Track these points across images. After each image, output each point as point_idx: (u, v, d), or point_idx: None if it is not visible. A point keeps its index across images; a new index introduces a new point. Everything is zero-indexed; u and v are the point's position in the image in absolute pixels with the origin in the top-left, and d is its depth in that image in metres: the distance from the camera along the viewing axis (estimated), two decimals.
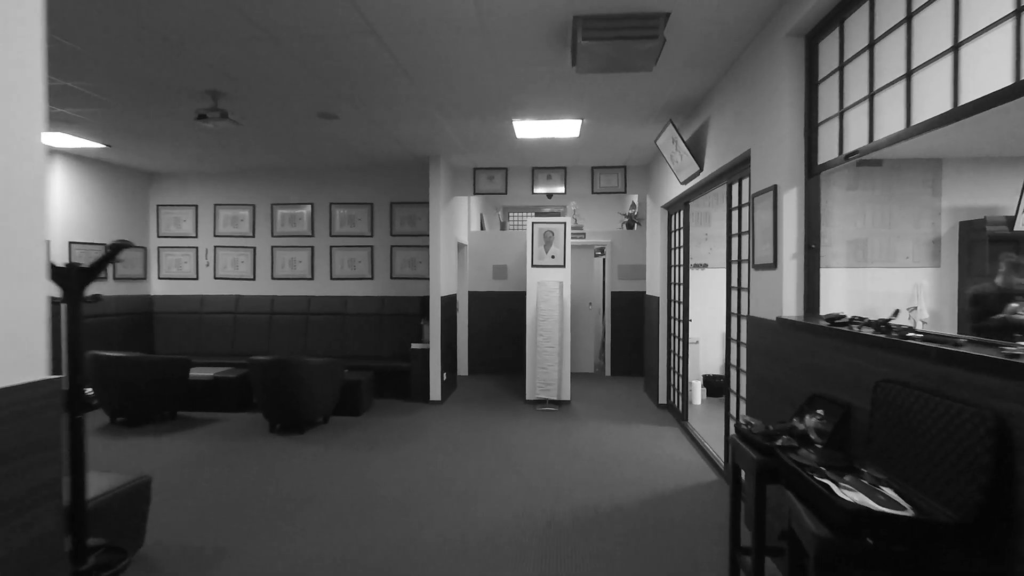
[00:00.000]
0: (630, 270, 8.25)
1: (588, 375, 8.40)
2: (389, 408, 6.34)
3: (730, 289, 4.10)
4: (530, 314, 6.52)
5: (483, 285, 8.40)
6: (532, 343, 6.51)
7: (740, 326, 3.89)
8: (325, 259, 7.49)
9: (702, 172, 4.49)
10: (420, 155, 6.55)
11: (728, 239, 4.10)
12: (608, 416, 6.00)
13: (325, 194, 7.49)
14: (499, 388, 7.40)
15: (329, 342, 7.27)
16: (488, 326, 8.38)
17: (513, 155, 6.52)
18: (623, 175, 7.06)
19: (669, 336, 6.25)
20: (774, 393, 2.96)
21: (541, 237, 6.51)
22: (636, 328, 8.24)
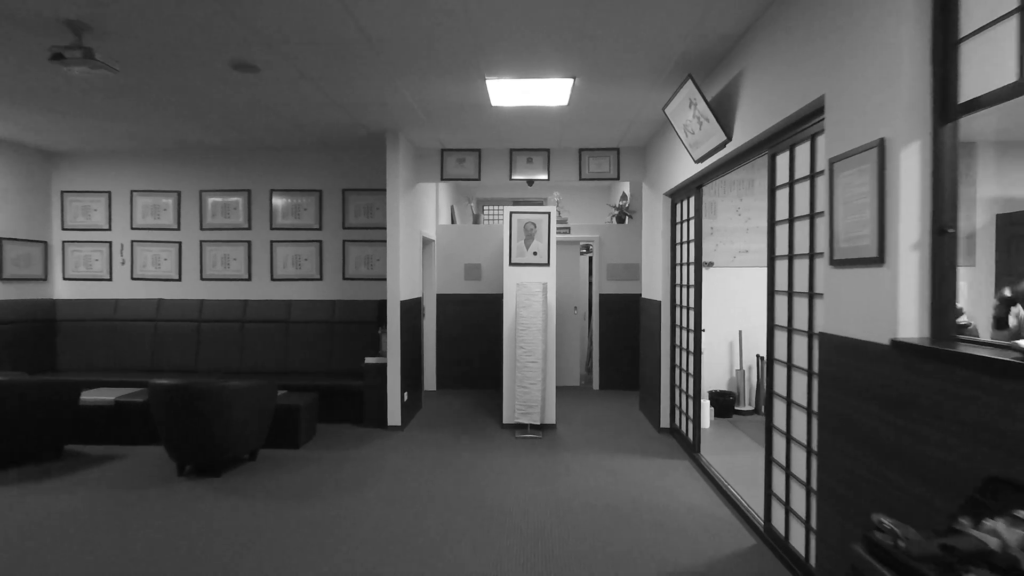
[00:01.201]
0: (621, 269, 7.26)
1: (573, 389, 7.38)
2: (337, 437, 5.22)
3: (773, 294, 3.10)
4: (507, 322, 5.47)
5: (454, 287, 7.32)
6: (510, 357, 5.46)
7: (791, 343, 2.90)
8: (264, 256, 6.33)
9: (730, 142, 3.50)
10: (375, 130, 5.45)
11: (771, 227, 3.11)
12: (602, 445, 4.98)
13: (265, 179, 6.33)
14: (472, 407, 6.33)
15: (268, 355, 6.11)
16: (459, 334, 7.31)
17: (487, 132, 5.46)
18: (616, 159, 6.06)
19: (673, 348, 5.26)
20: (887, 459, 1.96)
21: (521, 230, 5.46)
22: (628, 336, 7.25)
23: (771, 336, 3.13)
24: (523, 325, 5.15)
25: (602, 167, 6.07)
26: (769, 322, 3.14)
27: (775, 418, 3.09)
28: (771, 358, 3.12)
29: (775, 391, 3.09)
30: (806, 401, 2.72)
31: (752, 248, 6.05)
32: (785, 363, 2.95)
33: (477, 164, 6.08)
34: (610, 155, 6.06)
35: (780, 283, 3.03)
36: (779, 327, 3.04)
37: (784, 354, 2.97)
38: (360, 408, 5.61)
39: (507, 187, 8.78)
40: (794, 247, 2.87)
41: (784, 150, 2.96)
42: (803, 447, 2.75)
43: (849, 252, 2.16)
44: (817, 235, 2.63)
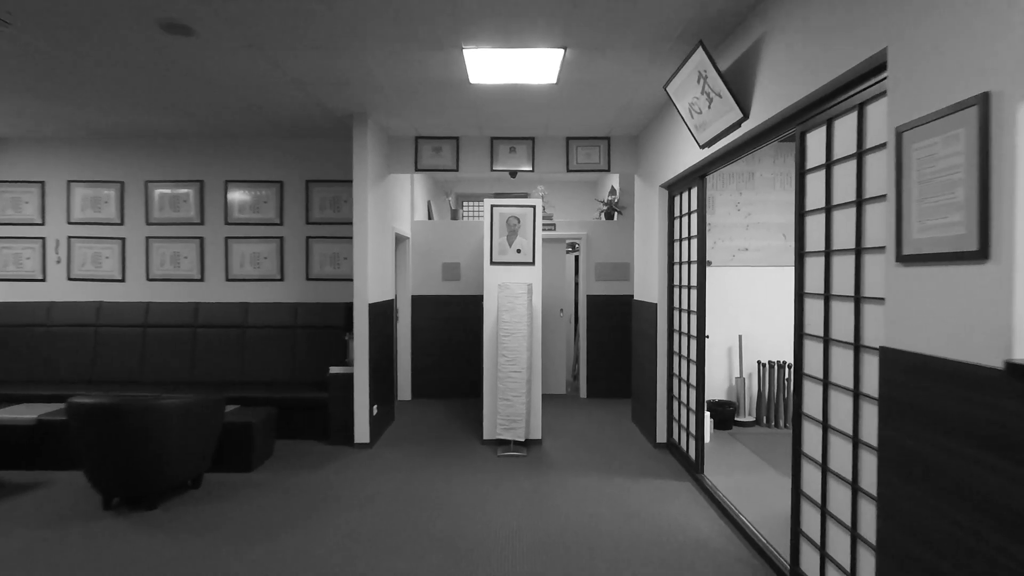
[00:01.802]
0: (610, 269, 6.78)
1: (559, 398, 6.88)
2: (297, 456, 4.64)
3: (803, 296, 2.63)
4: (488, 327, 4.94)
5: (430, 288, 6.77)
6: (491, 366, 4.94)
7: (828, 356, 2.42)
8: (219, 254, 5.72)
9: (746, 120, 3.02)
10: (340, 113, 4.88)
11: (800, 218, 2.63)
12: (593, 463, 4.48)
13: (219, 169, 5.72)
14: (449, 419, 5.79)
15: (223, 364, 5.50)
16: (436, 339, 6.76)
17: (466, 117, 4.93)
18: (606, 149, 5.57)
19: (670, 355, 4.78)
20: (997, 522, 1.47)
21: (503, 225, 4.94)
22: (617, 341, 6.78)
23: (799, 347, 2.64)
24: (506, 331, 4.63)
25: (591, 158, 5.58)
26: (797, 330, 2.66)
27: (805, 444, 2.62)
28: (800, 372, 2.64)
29: (805, 412, 2.61)
30: (850, 427, 2.24)
31: (753, 246, 5.61)
32: (820, 380, 2.47)
33: (455, 153, 5.55)
34: (600, 145, 5.57)
35: (813, 284, 2.55)
36: (811, 336, 2.56)
37: (818, 369, 2.49)
38: (325, 423, 5.04)
39: (488, 181, 8.26)
40: (832, 241, 2.39)
41: (818, 126, 2.48)
42: (845, 483, 2.27)
43: (930, 245, 1.68)
44: (867, 225, 2.16)
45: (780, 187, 5.60)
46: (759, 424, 5.48)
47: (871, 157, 2.12)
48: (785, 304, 5.60)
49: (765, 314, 5.61)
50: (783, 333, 5.60)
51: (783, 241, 5.61)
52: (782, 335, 5.60)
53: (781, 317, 5.60)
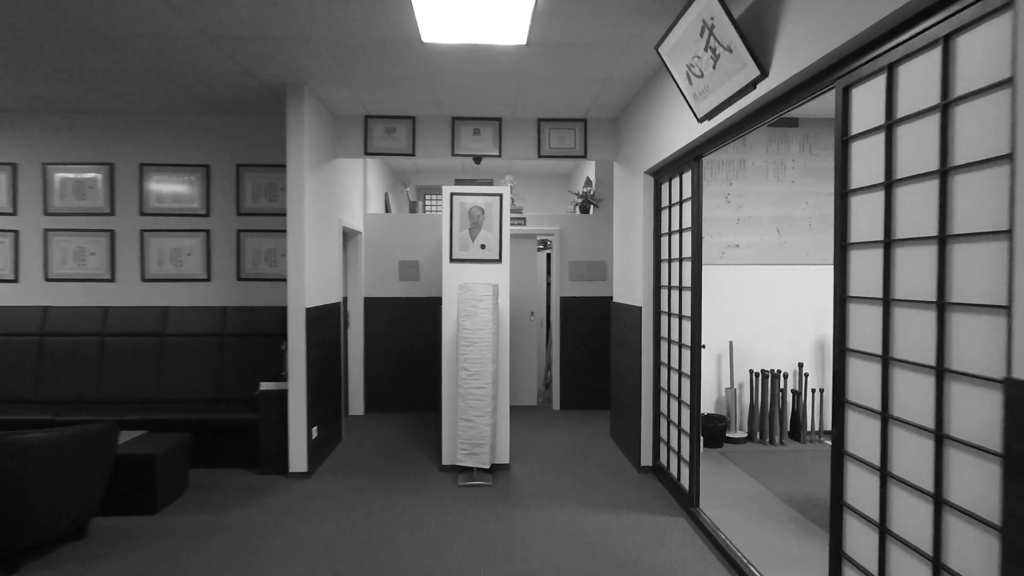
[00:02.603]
0: (585, 268, 6.17)
1: (530, 410, 6.23)
2: (218, 491, 3.88)
3: (844, 301, 2.02)
4: (447, 336, 4.25)
5: (386, 289, 6.04)
6: (451, 381, 4.25)
7: (888, 382, 1.81)
8: (133, 250, 4.90)
9: (764, 79, 2.41)
10: (272, 84, 4.14)
11: (841, 199, 2.03)
12: (570, 493, 3.84)
13: (133, 150, 4.89)
14: (406, 438, 5.08)
15: (136, 379, 4.68)
16: (393, 346, 6.04)
17: (422, 91, 4.24)
18: (582, 133, 4.94)
19: (657, 366, 4.17)
20: None
21: (465, 216, 4.26)
22: (594, 347, 6.17)
23: (841, 367, 2.04)
24: (467, 339, 3.95)
25: (565, 142, 4.94)
26: (838, 345, 2.05)
27: (849, 494, 2.01)
28: (841, 400, 2.04)
29: (849, 450, 2.01)
30: (931, 482, 1.64)
31: (744, 242, 5.05)
32: (876, 412, 1.86)
33: (411, 135, 4.84)
34: (575, 128, 4.94)
35: (861, 285, 1.94)
36: (859, 354, 1.96)
37: (871, 397, 1.89)
38: (255, 449, 4.28)
39: (451, 171, 7.56)
40: (895, 228, 1.78)
41: (869, 77, 1.88)
42: (926, 561, 1.67)
43: None
44: (956, 204, 1.56)
45: (774, 177, 5.06)
46: (752, 440, 4.93)
47: (965, 108, 1.52)
48: (780, 307, 5.06)
49: (758, 318, 5.06)
50: (778, 339, 5.07)
51: (777, 237, 5.07)
52: (777, 341, 5.06)
53: (776, 321, 5.06)
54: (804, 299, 5.08)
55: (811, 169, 5.08)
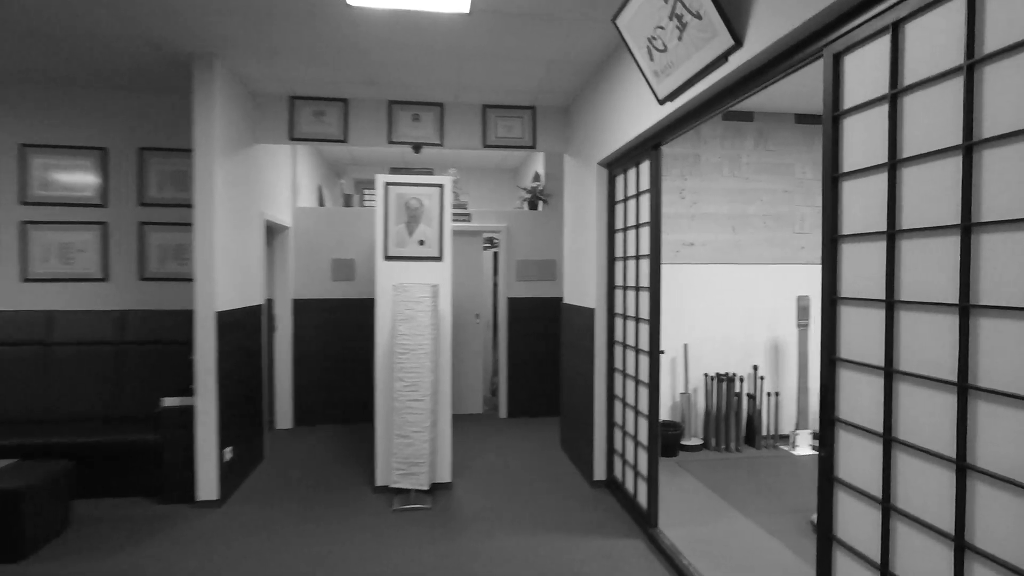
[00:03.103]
0: (534, 267, 5.83)
1: (475, 419, 5.84)
2: (108, 527, 3.30)
3: (835, 303, 1.74)
4: (380, 342, 3.81)
5: (317, 289, 5.52)
6: (384, 392, 3.81)
7: (891, 400, 1.54)
8: (11, 245, 4.22)
9: (739, 50, 2.12)
10: (179, 54, 3.59)
11: (831, 184, 1.74)
12: (519, 516, 3.47)
13: (12, 127, 4.21)
14: (337, 455, 4.60)
15: (14, 396, 4.01)
16: (325, 352, 5.52)
17: (353, 67, 3.79)
18: (530, 121, 4.60)
19: (611, 373, 3.87)
20: None
21: (402, 209, 3.83)
22: (543, 350, 5.84)
23: (831, 378, 1.76)
24: (403, 346, 3.52)
25: (513, 131, 4.59)
26: (827, 354, 1.77)
27: (841, 527, 1.73)
28: (831, 417, 1.76)
29: (840, 477, 1.73)
30: (950, 522, 1.36)
31: (699, 240, 4.83)
32: (878, 435, 1.58)
33: (343, 120, 4.37)
34: (523, 116, 4.59)
35: (855, 285, 1.66)
36: (851, 364, 1.68)
37: (870, 417, 1.60)
38: (159, 473, 3.71)
39: (389, 161, 7.08)
40: (901, 216, 1.50)
41: (870, 39, 1.60)
42: None
43: None
44: (985, 186, 1.28)
45: (728, 173, 4.87)
46: (707, 447, 4.71)
47: (997, 69, 1.25)
48: (735, 308, 4.88)
49: (713, 319, 4.85)
50: (733, 341, 4.87)
51: (732, 235, 4.88)
52: (732, 343, 4.87)
53: (731, 323, 4.87)
54: (759, 299, 4.91)
55: (765, 165, 4.92)
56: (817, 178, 4.97)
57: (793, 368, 4.92)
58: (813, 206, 4.98)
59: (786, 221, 4.95)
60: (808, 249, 4.98)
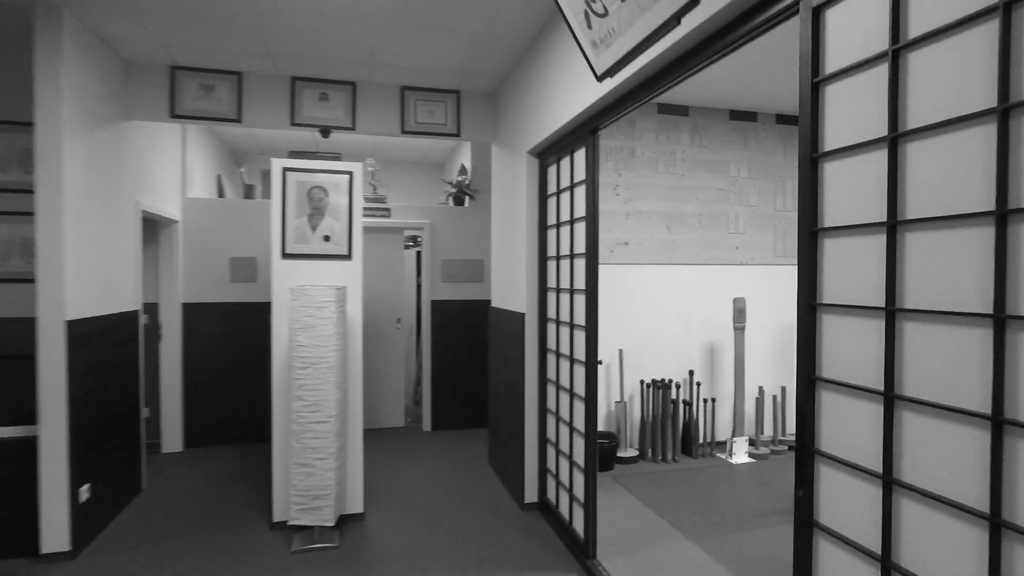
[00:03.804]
0: (460, 268, 5.41)
1: (396, 433, 5.34)
2: None
3: (815, 309, 1.43)
4: (278, 354, 3.27)
5: (213, 292, 4.85)
6: (282, 414, 3.27)
7: (892, 429, 1.23)
8: None
9: (696, 7, 1.78)
10: (13, 1, 2.91)
11: (810, 165, 1.43)
12: (440, 549, 3.03)
13: None
14: (232, 482, 3.98)
15: None
16: (222, 364, 4.86)
17: (248, 32, 3.23)
18: (454, 107, 4.17)
19: (543, 384, 3.51)
20: None
21: (304, 199, 3.30)
22: (469, 357, 5.43)
23: (811, 403, 1.45)
24: (303, 359, 3.00)
25: (435, 116, 4.15)
26: (805, 373, 1.46)
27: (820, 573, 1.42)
28: (810, 448, 1.45)
29: (821, 522, 1.42)
30: None
31: (634, 239, 4.57)
32: (875, 476, 1.27)
33: (236, 95, 3.78)
34: (447, 101, 4.16)
35: (842, 288, 1.36)
36: (837, 386, 1.37)
37: (864, 452, 1.30)
38: None
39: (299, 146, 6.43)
40: (906, 203, 1.20)
41: None
42: None
43: None
44: None
45: (664, 169, 4.64)
46: (643, 458, 4.45)
47: None
48: (671, 311, 4.65)
49: (649, 323, 4.61)
50: (668, 346, 4.65)
51: (667, 234, 4.65)
52: (667, 348, 4.65)
53: (666, 327, 4.65)
54: (695, 302, 4.72)
55: (700, 163, 4.73)
56: (752, 176, 4.84)
57: (729, 373, 4.76)
58: (747, 205, 4.84)
59: (721, 221, 4.79)
60: (743, 249, 4.83)
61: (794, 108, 4.74)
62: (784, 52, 3.52)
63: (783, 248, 4.95)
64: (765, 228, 4.89)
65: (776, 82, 4.11)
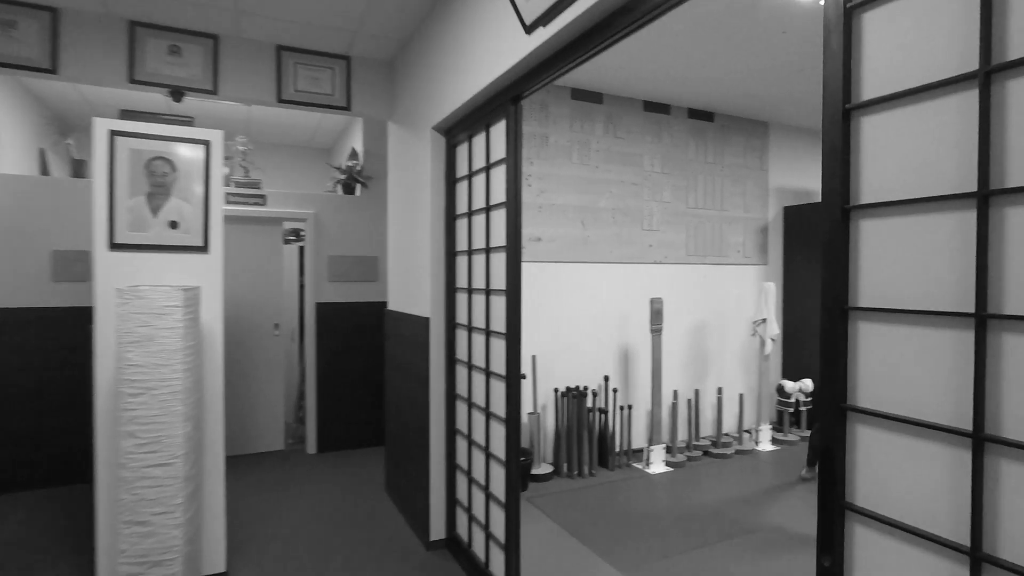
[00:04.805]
0: (351, 265, 4.75)
1: (275, 457, 4.57)
2: None
3: (845, 313, 1.06)
4: (102, 375, 2.48)
5: (25, 295, 3.83)
6: (107, 454, 2.49)
7: (984, 480, 0.87)
8: None
9: None
10: None
11: (842, 121, 1.06)
12: None
13: None
14: (43, 536, 3.06)
15: None
16: (35, 385, 3.85)
17: None
18: (344, 74, 3.55)
19: (452, 401, 3.00)
20: None
21: (142, 173, 2.54)
22: (364, 366, 4.78)
23: (839, 442, 1.08)
24: (136, 384, 2.26)
25: (321, 85, 3.49)
26: (832, 399, 1.08)
27: None
28: (838, 501, 1.07)
29: None
30: None
31: (547, 235, 4.19)
32: (958, 553, 0.91)
33: (49, 38, 2.90)
34: (335, 67, 3.52)
35: (888, 288, 0.99)
36: (878, 418, 1.00)
37: (928, 515, 0.94)
38: None
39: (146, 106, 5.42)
40: (998, 171, 0.85)
41: None
42: None
43: None
44: None
45: (578, 160, 4.30)
46: (559, 474, 4.07)
47: None
48: (585, 312, 4.32)
49: (563, 326, 4.25)
50: (583, 350, 4.32)
51: (581, 230, 4.32)
52: (582, 353, 4.31)
53: (581, 329, 4.31)
54: (609, 302, 4.43)
55: (615, 155, 4.45)
56: (665, 171, 4.64)
57: (645, 377, 4.52)
58: (660, 201, 4.64)
59: (635, 217, 4.54)
60: (656, 248, 4.62)
61: (706, 103, 4.61)
62: (699, 40, 3.29)
63: (695, 247, 4.80)
64: (678, 226, 4.72)
65: (690, 69, 3.90)
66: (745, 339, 5.02)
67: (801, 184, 5.37)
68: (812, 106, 4.64)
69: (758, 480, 4.00)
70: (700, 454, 4.48)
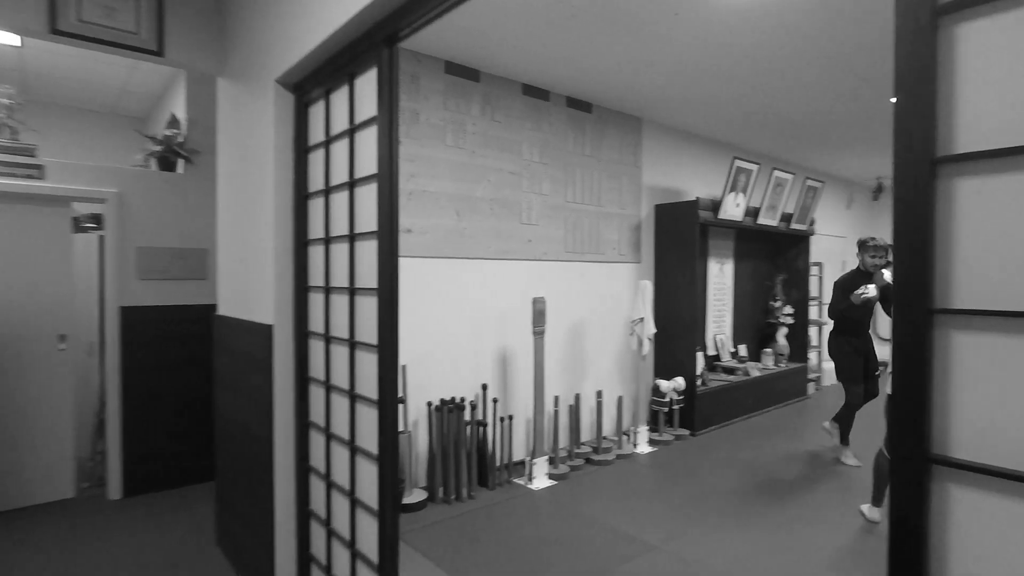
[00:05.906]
0: (169, 259, 3.81)
1: (63, 509, 3.50)
2: None
3: (931, 315, 0.70)
4: None
5: None
6: None
7: None
8: None
9: None
10: None
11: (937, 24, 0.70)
12: None
13: None
14: None
15: None
16: None
17: None
18: (155, 8, 2.71)
19: (304, 432, 2.35)
20: None
21: None
22: (186, 384, 3.87)
23: (920, 504, 0.72)
24: None
25: (117, 19, 2.63)
26: (909, 448, 0.72)
27: None
28: None
29: None
30: None
31: (418, 226, 3.66)
32: None
33: None
34: None
35: (993, 277, 0.65)
36: (984, 474, 0.66)
37: None
38: None
39: None
40: None
41: None
42: None
43: None
44: None
45: (453, 142, 3.82)
46: (433, 500, 3.56)
47: None
48: (462, 314, 3.86)
49: (437, 329, 3.74)
50: (459, 357, 3.85)
51: (456, 221, 3.84)
52: (458, 360, 3.84)
53: (459, 333, 3.84)
54: (486, 302, 4.01)
55: (492, 139, 4.04)
56: (544, 162, 4.33)
57: (524, 383, 4.17)
58: (539, 194, 4.32)
59: (514, 209, 4.17)
60: (536, 243, 4.29)
61: (585, 92, 4.38)
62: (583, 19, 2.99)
63: (573, 243, 4.55)
64: (556, 220, 4.44)
65: (571, 50, 3.61)
66: (622, 339, 4.89)
67: (671, 183, 5.39)
68: (683, 101, 4.61)
69: (642, 486, 3.82)
70: (582, 462, 4.23)
